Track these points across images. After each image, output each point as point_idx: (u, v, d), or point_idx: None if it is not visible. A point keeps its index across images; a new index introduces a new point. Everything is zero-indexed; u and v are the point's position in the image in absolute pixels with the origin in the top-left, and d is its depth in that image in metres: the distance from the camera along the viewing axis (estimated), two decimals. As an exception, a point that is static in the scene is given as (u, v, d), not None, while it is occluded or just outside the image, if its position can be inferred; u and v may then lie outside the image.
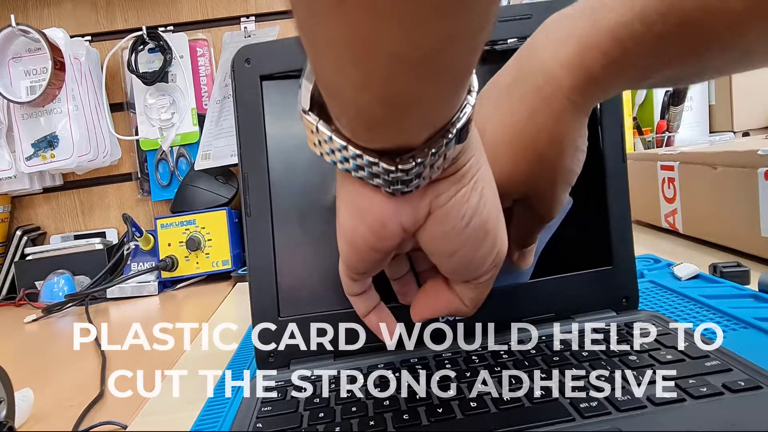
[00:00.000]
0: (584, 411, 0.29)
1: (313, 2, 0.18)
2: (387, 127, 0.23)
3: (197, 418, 0.39)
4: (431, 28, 0.18)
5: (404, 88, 0.20)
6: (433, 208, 0.26)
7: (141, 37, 1.00)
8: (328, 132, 0.24)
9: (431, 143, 0.24)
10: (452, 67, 0.20)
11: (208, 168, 0.95)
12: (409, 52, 0.18)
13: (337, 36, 0.18)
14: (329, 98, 0.23)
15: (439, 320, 0.41)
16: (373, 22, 0.17)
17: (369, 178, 0.25)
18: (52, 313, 0.82)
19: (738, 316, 0.43)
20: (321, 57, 0.20)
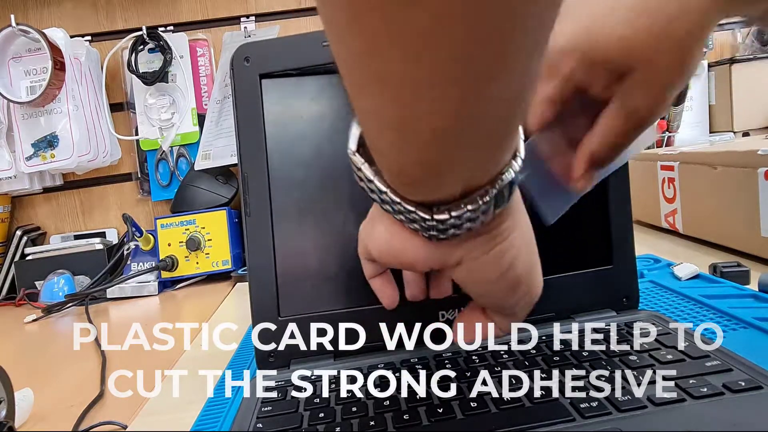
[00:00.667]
0: (584, 411, 0.28)
1: (359, 78, 0.19)
2: (424, 185, 0.24)
3: (197, 418, 0.39)
4: (467, 102, 0.18)
5: (441, 155, 0.21)
6: (464, 259, 0.27)
7: (141, 37, 1.00)
8: (371, 176, 0.25)
9: (468, 200, 0.24)
10: (489, 134, 0.21)
11: (208, 168, 0.95)
12: (446, 124, 0.19)
13: (379, 108, 0.20)
14: (373, 152, 0.24)
15: (439, 320, 0.41)
16: (411, 99, 0.18)
17: (407, 222, 0.26)
18: (52, 313, 0.81)
19: (738, 316, 0.43)
20: (364, 120, 0.22)
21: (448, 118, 0.19)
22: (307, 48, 0.42)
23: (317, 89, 0.43)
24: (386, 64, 0.17)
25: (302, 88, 0.42)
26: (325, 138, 0.42)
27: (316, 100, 0.43)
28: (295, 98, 0.42)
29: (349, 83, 0.20)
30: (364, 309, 0.41)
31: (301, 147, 0.42)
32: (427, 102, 0.18)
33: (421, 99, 0.18)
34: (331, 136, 0.43)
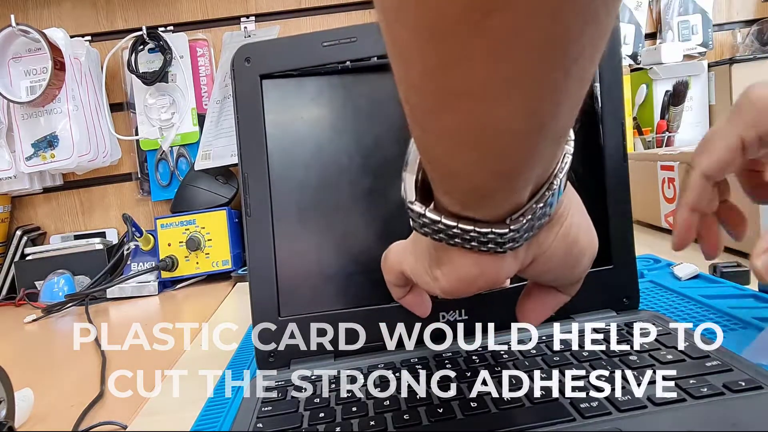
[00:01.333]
0: (585, 411, 0.29)
1: (433, 100, 0.19)
2: (499, 194, 0.24)
3: (197, 418, 0.39)
4: (545, 100, 0.19)
5: (516, 159, 0.21)
6: (537, 254, 0.27)
7: (141, 37, 1.00)
8: (437, 217, 0.25)
9: (538, 198, 0.24)
10: (561, 127, 0.21)
11: (208, 168, 0.95)
12: (522, 127, 0.19)
13: (454, 124, 0.19)
14: (442, 178, 0.24)
15: (440, 320, 0.41)
16: (491, 108, 0.18)
17: (481, 246, 0.25)
18: (52, 313, 0.81)
19: (738, 316, 0.43)
20: (437, 144, 0.22)
21: (528, 119, 0.19)
22: (307, 48, 0.42)
23: (318, 90, 0.43)
24: (464, 78, 0.17)
25: (303, 88, 0.42)
26: (325, 138, 0.43)
27: (317, 100, 0.43)
28: (295, 98, 0.42)
29: (419, 106, 0.20)
30: (364, 309, 0.41)
31: (302, 147, 0.42)
32: (508, 105, 0.18)
33: (503, 103, 0.18)
34: (331, 137, 0.43)
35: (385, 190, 0.42)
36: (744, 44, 1.15)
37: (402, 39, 0.18)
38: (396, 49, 0.19)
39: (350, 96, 0.43)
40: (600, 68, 0.41)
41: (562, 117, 0.20)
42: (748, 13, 1.18)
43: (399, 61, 0.19)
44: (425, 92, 0.19)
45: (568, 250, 0.28)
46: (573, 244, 0.28)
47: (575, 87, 0.19)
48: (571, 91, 0.19)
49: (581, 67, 0.18)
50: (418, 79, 0.19)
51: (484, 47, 0.16)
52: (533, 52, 0.17)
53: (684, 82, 1.03)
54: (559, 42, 0.17)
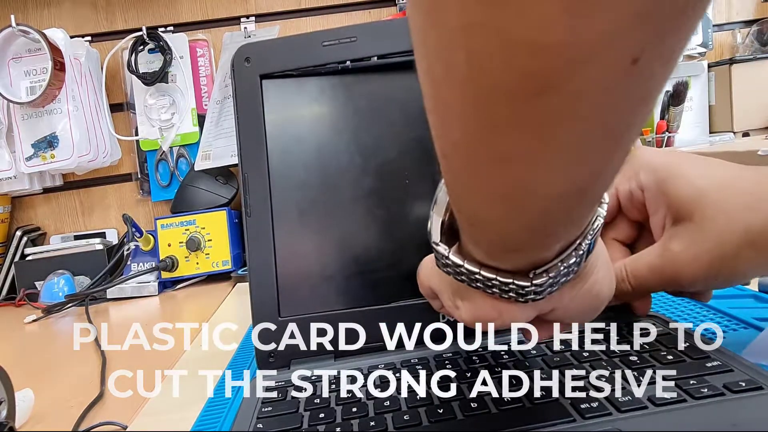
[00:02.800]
0: (585, 411, 0.28)
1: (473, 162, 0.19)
2: (527, 249, 0.23)
3: (197, 418, 0.39)
4: (587, 169, 0.18)
5: (551, 220, 0.21)
6: (556, 306, 0.27)
7: (141, 38, 1.00)
8: (460, 261, 0.25)
9: (565, 257, 0.24)
10: (596, 193, 0.21)
11: (208, 168, 0.95)
12: (563, 191, 0.19)
13: (491, 186, 0.19)
14: (471, 228, 0.24)
15: (440, 320, 0.41)
16: (535, 174, 0.18)
17: (501, 294, 0.25)
18: (52, 314, 0.81)
19: (738, 317, 0.43)
20: (471, 199, 0.21)
21: (568, 185, 0.19)
22: (307, 48, 0.42)
23: (318, 90, 0.43)
24: (511, 142, 0.17)
25: (303, 88, 0.42)
26: (325, 138, 0.43)
27: (317, 100, 0.43)
28: (295, 99, 0.42)
29: (457, 164, 0.20)
30: (364, 309, 0.41)
31: (302, 147, 0.42)
32: (551, 172, 0.18)
33: (545, 169, 0.18)
34: (331, 136, 0.43)
35: (385, 190, 0.42)
36: (744, 44, 1.16)
37: (447, 100, 0.17)
38: (438, 106, 0.18)
39: (350, 96, 0.43)
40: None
41: (602, 183, 0.20)
42: (747, 14, 1.18)
43: (440, 119, 0.19)
44: (464, 153, 0.19)
45: (589, 303, 0.28)
46: (595, 298, 0.28)
47: (618, 157, 0.19)
48: (614, 161, 0.19)
49: (628, 138, 0.18)
50: (458, 139, 0.18)
51: (533, 121, 0.16)
52: (583, 129, 0.16)
53: (684, 83, 1.03)
54: (610, 120, 0.16)
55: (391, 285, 0.41)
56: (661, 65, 0.15)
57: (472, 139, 0.18)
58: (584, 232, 0.25)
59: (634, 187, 0.36)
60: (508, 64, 0.14)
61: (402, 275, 0.41)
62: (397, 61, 0.42)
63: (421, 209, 0.42)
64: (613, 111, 0.16)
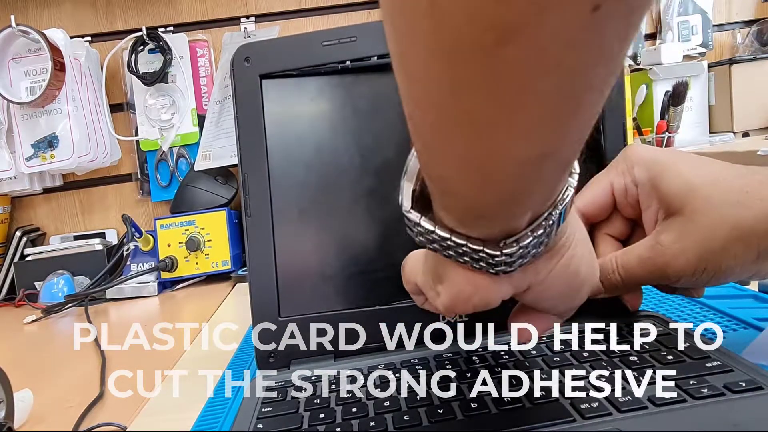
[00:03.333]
0: (585, 411, 0.28)
1: (440, 122, 0.19)
2: (496, 216, 0.24)
3: (197, 418, 0.39)
4: (552, 130, 0.19)
5: (518, 184, 0.21)
6: (533, 282, 0.27)
7: (141, 38, 1.00)
8: (431, 227, 0.25)
9: (535, 227, 0.24)
10: (564, 158, 0.21)
11: (207, 168, 0.95)
12: (529, 154, 0.19)
13: (459, 148, 0.19)
14: (442, 195, 0.24)
15: (440, 320, 0.41)
16: (499, 133, 0.18)
17: (473, 263, 0.25)
18: (52, 314, 0.81)
19: (738, 317, 0.43)
20: (440, 163, 0.22)
21: (533, 148, 0.19)
22: (307, 48, 0.42)
23: (317, 89, 0.43)
24: (474, 103, 0.17)
25: (302, 88, 0.42)
26: (325, 138, 0.42)
27: (317, 100, 0.43)
28: (295, 98, 0.42)
29: (425, 124, 0.20)
30: (364, 309, 0.41)
31: (302, 147, 0.42)
32: (514, 135, 0.18)
33: (508, 133, 0.18)
34: (331, 136, 0.43)
35: (385, 190, 0.42)
36: (744, 44, 1.16)
37: (413, 59, 0.17)
38: (405, 67, 0.18)
39: (350, 96, 0.43)
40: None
41: (568, 148, 0.21)
42: (747, 14, 1.18)
43: (407, 80, 0.19)
44: (432, 113, 0.19)
45: (567, 282, 0.28)
46: (573, 276, 0.28)
47: (584, 119, 0.19)
48: (579, 123, 0.19)
49: (591, 100, 0.18)
50: (426, 100, 0.19)
51: (497, 74, 0.16)
52: (545, 83, 0.17)
53: (684, 83, 1.03)
54: (571, 75, 0.17)
55: (391, 285, 0.41)
56: (622, 19, 0.16)
57: (437, 98, 0.18)
58: (554, 202, 0.25)
59: (628, 182, 0.36)
60: (471, 12, 0.15)
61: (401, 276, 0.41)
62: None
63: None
64: (574, 66, 0.16)
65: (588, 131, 0.21)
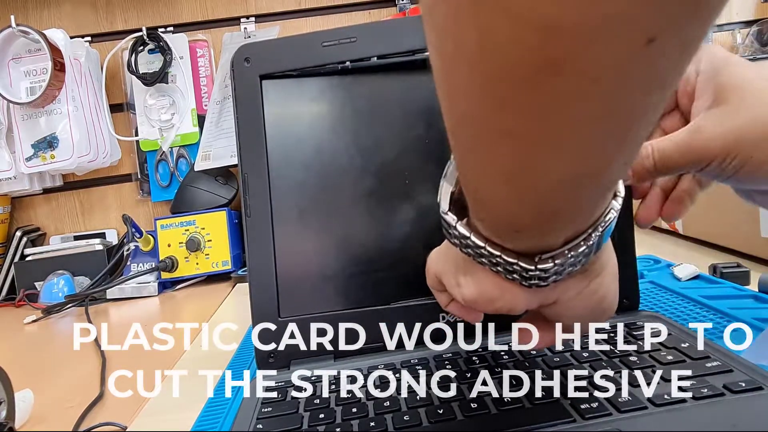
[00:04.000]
0: (585, 412, 0.28)
1: (480, 137, 0.19)
2: (532, 233, 0.23)
3: (197, 418, 0.39)
4: (597, 154, 0.18)
5: (557, 202, 0.21)
6: (560, 299, 0.27)
7: (141, 38, 1.00)
8: (466, 233, 0.25)
9: (573, 246, 0.24)
10: (606, 181, 0.21)
11: (208, 169, 0.95)
12: (569, 174, 0.19)
13: (497, 162, 0.19)
14: (477, 204, 0.24)
15: (440, 320, 0.41)
16: (540, 152, 0.18)
17: (505, 273, 0.25)
18: (52, 314, 0.81)
19: (738, 317, 0.43)
20: (477, 176, 0.21)
21: (575, 169, 0.19)
22: (307, 48, 0.42)
23: (317, 90, 0.43)
24: (515, 122, 0.17)
25: (302, 88, 0.42)
26: (325, 139, 0.43)
27: (316, 100, 0.43)
28: (295, 99, 0.42)
29: (465, 138, 0.20)
30: (364, 309, 0.41)
31: (301, 148, 0.42)
32: (555, 155, 0.18)
33: (550, 152, 0.18)
34: (331, 137, 0.43)
35: (384, 191, 0.42)
36: (744, 45, 1.16)
37: (455, 76, 0.17)
38: (447, 82, 0.18)
39: (350, 96, 0.43)
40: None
41: (612, 172, 0.20)
42: (747, 14, 1.18)
43: (448, 94, 0.19)
44: (470, 128, 0.19)
45: (591, 306, 0.28)
46: (598, 302, 0.28)
47: (631, 147, 0.19)
48: (625, 147, 0.19)
49: (640, 126, 0.18)
50: (465, 115, 0.18)
51: (543, 100, 0.16)
52: (591, 111, 0.16)
53: (684, 83, 1.03)
54: (622, 104, 0.16)
55: (391, 285, 0.41)
56: (679, 48, 0.15)
57: (478, 115, 0.18)
58: (595, 224, 0.24)
59: (691, 70, 0.35)
60: (518, 44, 0.14)
61: (402, 275, 0.41)
62: (397, 61, 0.42)
63: (421, 209, 0.42)
64: (624, 93, 0.16)
65: (634, 156, 0.20)
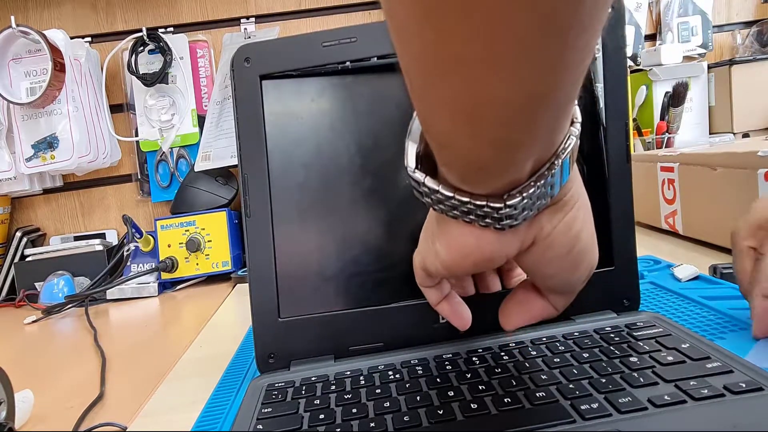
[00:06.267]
0: (585, 412, 0.28)
1: (431, 70, 0.19)
2: (496, 167, 0.24)
3: (197, 418, 0.39)
4: (540, 72, 0.19)
5: (513, 130, 0.21)
6: (538, 238, 0.27)
7: (141, 39, 1.00)
8: (435, 186, 0.26)
9: (537, 177, 0.25)
10: (557, 102, 0.21)
11: (208, 169, 0.95)
12: (518, 97, 0.19)
13: (451, 94, 0.20)
14: (441, 149, 0.24)
15: (440, 320, 0.41)
16: (487, 77, 0.18)
17: (478, 220, 0.26)
18: (52, 314, 0.82)
19: (738, 318, 0.43)
20: (434, 114, 0.22)
21: (522, 90, 0.19)
22: (307, 49, 0.42)
23: (317, 90, 0.43)
24: (459, 48, 0.18)
25: (302, 89, 0.42)
26: (325, 139, 0.42)
27: (317, 101, 0.43)
28: (295, 99, 0.42)
29: (418, 76, 0.20)
30: (364, 309, 0.41)
31: (302, 148, 0.42)
32: (501, 77, 0.18)
33: (495, 75, 0.18)
34: (331, 137, 0.43)
35: (384, 191, 0.42)
36: (744, 45, 1.16)
37: (399, 14, 0.18)
38: (395, 24, 0.19)
39: (350, 96, 0.43)
40: (603, 67, 0.41)
41: (560, 90, 0.20)
42: (747, 15, 1.18)
43: (398, 36, 0.19)
44: (422, 64, 0.20)
45: (569, 245, 0.28)
46: (575, 240, 0.28)
47: (574, 60, 0.19)
48: (569, 64, 0.19)
49: (579, 40, 0.18)
50: (416, 52, 0.19)
51: (477, 21, 0.16)
52: (526, 26, 0.17)
53: (684, 84, 1.03)
54: (552, 16, 0.17)
55: (391, 285, 0.41)
56: None
57: (426, 50, 0.19)
58: (557, 151, 0.25)
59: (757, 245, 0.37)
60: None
61: (402, 275, 0.41)
62: (396, 61, 0.42)
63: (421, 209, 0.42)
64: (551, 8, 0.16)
65: (581, 73, 0.21)
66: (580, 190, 0.28)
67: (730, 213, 0.62)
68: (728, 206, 0.62)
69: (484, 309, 0.41)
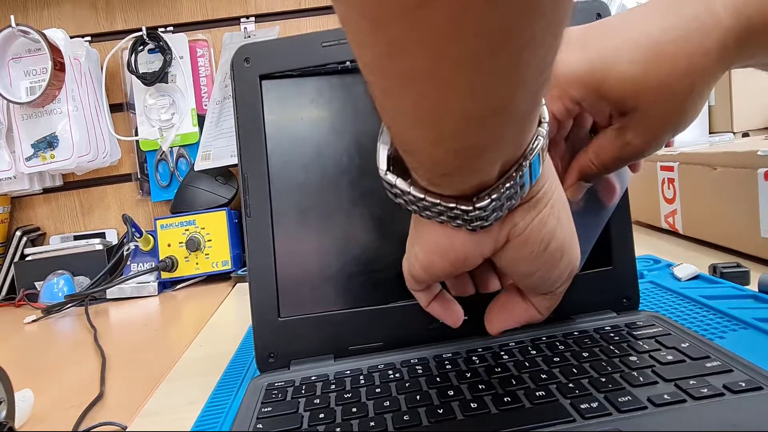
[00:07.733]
0: (584, 412, 0.28)
1: (387, 83, 0.20)
2: (461, 172, 0.24)
3: (197, 418, 0.39)
4: (496, 87, 0.19)
5: (474, 139, 0.21)
6: (511, 236, 0.27)
7: (141, 38, 1.00)
8: (406, 187, 0.26)
9: (506, 178, 0.25)
10: (518, 112, 0.21)
11: (207, 168, 0.95)
12: (476, 110, 0.20)
13: (409, 106, 0.20)
14: (405, 154, 0.24)
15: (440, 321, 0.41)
16: (441, 91, 0.19)
17: (450, 221, 0.26)
18: (52, 314, 0.82)
19: (738, 317, 0.43)
20: (396, 122, 0.22)
21: (479, 102, 0.19)
22: (307, 49, 0.42)
23: (317, 90, 0.43)
24: (411, 64, 0.18)
25: (302, 88, 0.42)
26: (325, 139, 0.43)
27: (316, 100, 0.43)
28: (295, 99, 0.42)
29: (376, 86, 0.20)
30: (364, 309, 0.41)
31: (301, 148, 0.42)
32: (456, 92, 0.19)
33: (450, 90, 0.19)
34: (331, 137, 0.43)
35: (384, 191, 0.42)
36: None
37: (352, 25, 0.18)
38: (349, 32, 0.19)
39: (350, 96, 0.43)
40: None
41: (520, 102, 0.20)
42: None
43: (353, 44, 0.19)
44: (377, 74, 0.20)
45: (545, 242, 0.28)
46: (550, 236, 0.28)
47: (530, 75, 0.19)
48: (525, 79, 0.19)
49: (534, 57, 0.18)
50: (370, 62, 0.19)
51: (425, 35, 0.16)
52: (474, 41, 0.17)
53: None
54: (501, 34, 0.17)
55: (391, 285, 0.41)
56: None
57: (379, 61, 0.19)
58: (524, 153, 0.25)
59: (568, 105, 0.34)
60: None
61: (401, 275, 0.41)
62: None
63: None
64: (502, 25, 0.16)
65: (542, 83, 0.21)
66: (554, 186, 0.28)
67: (730, 212, 0.62)
68: (728, 206, 0.62)
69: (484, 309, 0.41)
